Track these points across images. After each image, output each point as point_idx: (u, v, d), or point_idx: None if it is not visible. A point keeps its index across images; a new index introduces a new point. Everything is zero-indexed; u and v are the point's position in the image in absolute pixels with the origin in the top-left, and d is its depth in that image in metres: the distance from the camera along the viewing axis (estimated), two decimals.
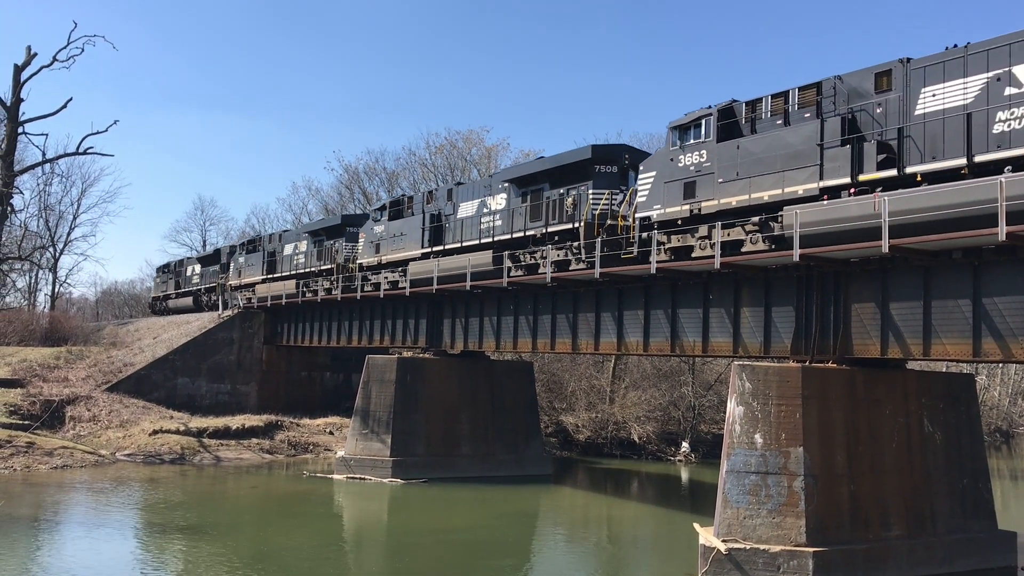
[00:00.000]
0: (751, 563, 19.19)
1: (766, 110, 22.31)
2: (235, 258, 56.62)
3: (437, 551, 23.13)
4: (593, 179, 28.11)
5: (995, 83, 17.69)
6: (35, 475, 32.51)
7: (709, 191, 22.93)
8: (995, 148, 17.37)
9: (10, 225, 46.63)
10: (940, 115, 18.44)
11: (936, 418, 21.49)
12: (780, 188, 20.99)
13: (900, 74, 19.52)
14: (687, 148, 23.85)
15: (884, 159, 19.19)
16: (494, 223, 32.16)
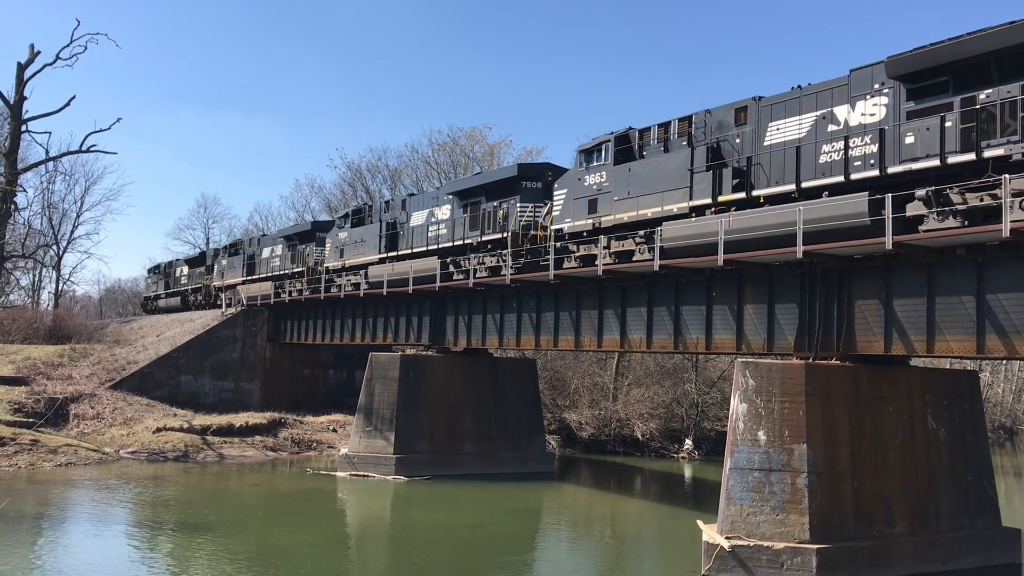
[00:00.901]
0: (755, 560, 19.18)
1: (652, 138, 25.80)
2: (219, 260, 59.83)
3: (441, 548, 23.14)
4: (520, 194, 31.47)
5: (821, 120, 20.91)
6: (39, 473, 32.57)
7: (607, 208, 26.33)
8: (820, 176, 20.48)
9: (14, 223, 46.73)
10: (781, 146, 21.59)
11: (940, 415, 21.45)
12: (660, 206, 24.39)
13: (754, 110, 22.72)
14: (591, 170, 27.37)
15: (737, 183, 22.35)
16: (440, 232, 35.49)
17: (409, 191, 49.87)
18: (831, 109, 20.85)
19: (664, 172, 24.53)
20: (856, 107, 20.35)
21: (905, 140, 19.00)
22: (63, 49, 39.68)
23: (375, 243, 39.68)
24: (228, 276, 57.06)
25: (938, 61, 18.67)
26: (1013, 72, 17.52)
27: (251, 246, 56.28)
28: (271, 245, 53.14)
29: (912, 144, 18.85)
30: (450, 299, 35.20)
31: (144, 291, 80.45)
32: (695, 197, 23.28)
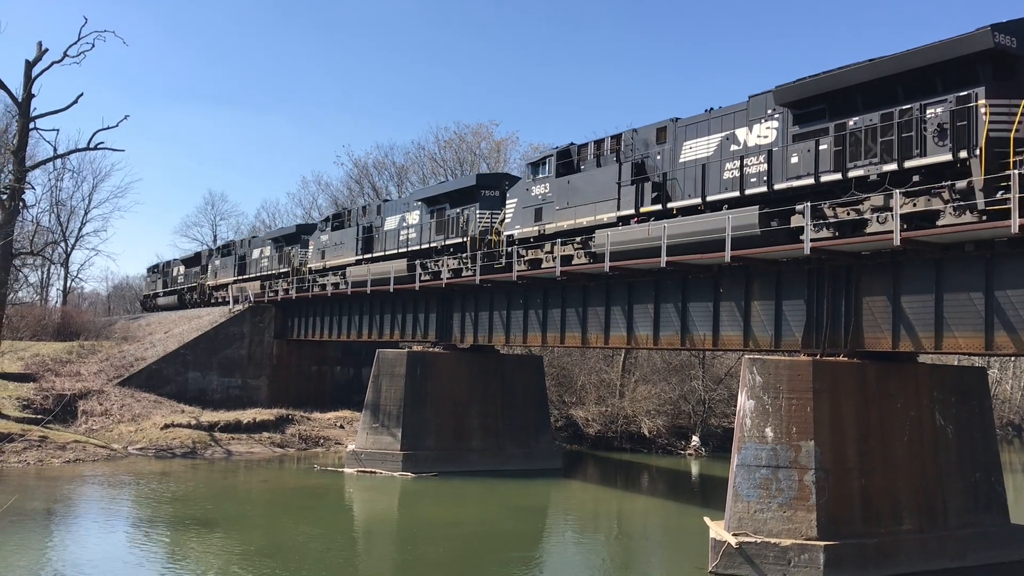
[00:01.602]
0: (762, 557, 19.16)
1: (589, 153, 28.37)
2: (212, 260, 62.92)
3: (448, 544, 23.17)
4: (479, 201, 34.13)
5: (725, 141, 23.31)
6: (48, 469, 32.70)
7: (550, 216, 29.20)
8: (723, 191, 22.94)
9: (22, 220, 46.81)
10: (693, 164, 24.15)
11: (948, 412, 21.40)
12: (593, 216, 27.19)
13: (671, 131, 25.44)
14: (537, 181, 30.29)
15: (656, 196, 25.11)
16: (410, 235, 38.37)
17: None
18: (733, 131, 23.30)
19: (597, 185, 27.26)
20: (753, 130, 22.75)
21: (791, 160, 21.28)
22: (71, 47, 39.65)
23: (353, 245, 42.64)
24: (221, 276, 59.89)
25: (817, 91, 20.87)
26: (874, 102, 19.82)
27: (242, 247, 59.07)
28: (260, 246, 56.00)
29: (796, 164, 21.12)
30: (457, 296, 35.22)
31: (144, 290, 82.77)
32: (622, 208, 26.08)
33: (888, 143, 19.24)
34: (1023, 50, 17.78)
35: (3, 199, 40.01)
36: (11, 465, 32.56)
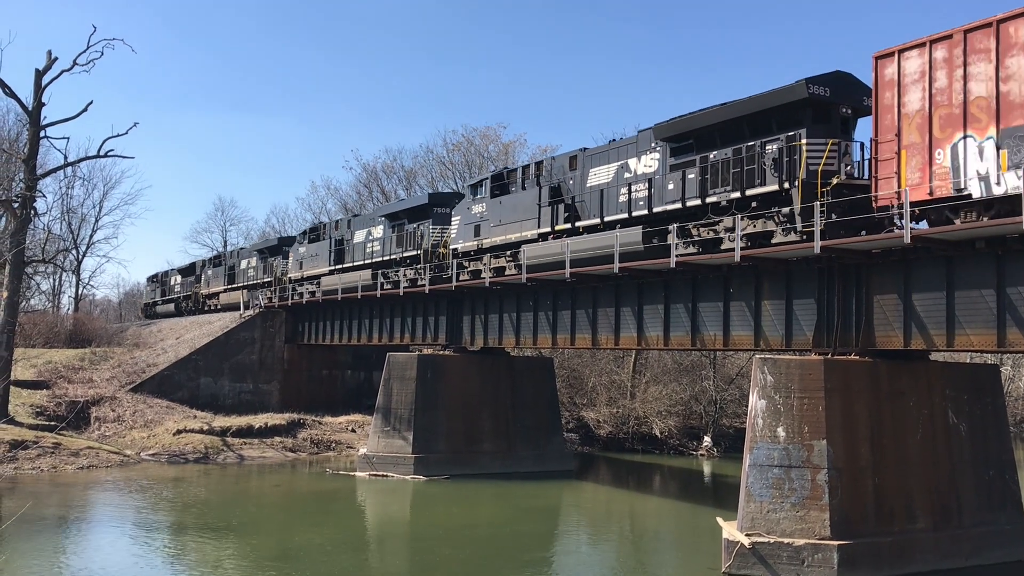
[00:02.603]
0: (775, 557, 19.12)
1: (518, 177, 32.37)
2: (205, 271, 66.46)
3: (460, 547, 23.18)
4: (432, 218, 37.92)
5: (620, 169, 27.35)
6: (61, 475, 32.86)
7: (487, 232, 33.10)
8: (617, 212, 26.97)
9: (33, 228, 47.02)
10: (596, 188, 28.19)
11: (961, 410, 21.30)
12: (519, 232, 31.17)
13: (581, 159, 29.34)
14: (476, 201, 34.09)
15: (567, 216, 29.10)
16: (375, 248, 42.23)
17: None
18: (626, 161, 27.26)
19: (522, 206, 31.26)
20: (641, 160, 26.69)
21: (667, 187, 25.25)
22: (80, 55, 39.76)
23: (326, 257, 46.70)
24: (213, 285, 63.52)
25: (687, 129, 24.77)
26: (729, 139, 23.61)
27: (231, 258, 62.79)
28: (247, 257, 59.53)
29: (671, 190, 25.02)
30: (466, 299, 35.25)
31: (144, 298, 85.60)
32: (541, 226, 30.17)
33: (737, 174, 23.00)
34: (836, 98, 21.74)
35: (15, 207, 40.24)
36: (25, 472, 32.74)
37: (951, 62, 18.48)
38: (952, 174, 18.25)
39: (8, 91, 39.15)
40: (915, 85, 19.13)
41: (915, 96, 19.13)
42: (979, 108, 17.94)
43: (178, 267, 75.83)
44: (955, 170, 18.21)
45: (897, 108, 19.45)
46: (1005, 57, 17.49)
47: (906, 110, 19.27)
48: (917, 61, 19.15)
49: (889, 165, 19.42)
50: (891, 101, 19.58)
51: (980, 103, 17.90)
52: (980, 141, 17.84)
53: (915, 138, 19.05)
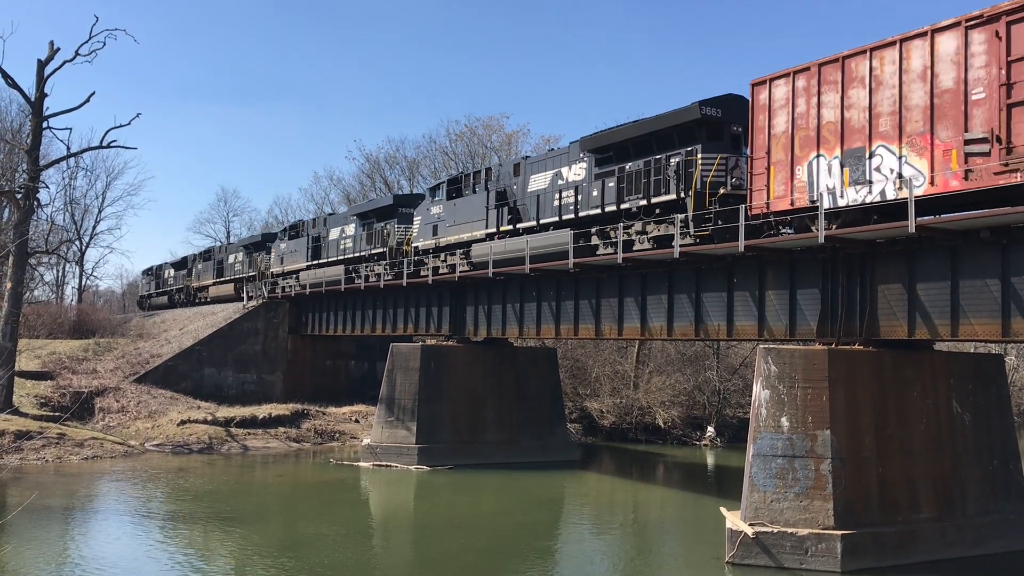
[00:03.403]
0: (779, 547, 19.14)
1: (470, 181, 35.11)
2: (196, 264, 69.08)
3: (464, 536, 23.22)
4: (397, 217, 40.71)
5: (555, 177, 30.20)
6: (66, 466, 32.94)
7: (443, 232, 36.10)
8: (551, 216, 29.86)
9: (36, 219, 47.00)
10: (534, 194, 31.01)
11: (965, 399, 21.28)
12: (470, 232, 34.03)
13: (523, 166, 32.21)
14: (434, 203, 37.27)
15: (511, 218, 31.94)
16: (347, 245, 45.31)
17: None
18: (560, 169, 30.07)
19: (473, 208, 34.05)
20: (572, 168, 29.45)
21: (592, 194, 28.14)
22: (82, 45, 39.67)
23: (304, 253, 49.59)
24: (203, 278, 66.06)
25: (608, 142, 27.83)
26: (642, 152, 26.50)
27: (219, 253, 65.35)
28: (235, 252, 62.04)
29: (595, 196, 27.94)
30: (469, 289, 35.24)
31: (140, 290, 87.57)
32: (488, 227, 32.99)
33: (646, 183, 25.78)
34: (727, 118, 24.57)
35: (18, 198, 40.23)
36: (30, 462, 32.83)
37: (809, 91, 20.99)
38: (808, 188, 20.77)
39: (11, 82, 39.13)
40: (782, 110, 21.60)
41: (781, 119, 21.59)
42: (829, 131, 20.50)
43: (171, 261, 77.73)
44: (810, 184, 20.74)
45: (767, 129, 21.84)
46: (848, 88, 20.12)
47: (774, 131, 21.73)
48: (783, 89, 21.61)
49: (761, 179, 21.90)
50: (763, 123, 21.98)
51: (830, 127, 20.47)
52: (829, 160, 20.41)
53: (781, 156, 21.53)
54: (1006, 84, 17.07)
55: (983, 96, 17.51)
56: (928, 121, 18.45)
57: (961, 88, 17.86)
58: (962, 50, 17.92)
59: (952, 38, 18.13)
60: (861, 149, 19.71)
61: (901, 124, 18.95)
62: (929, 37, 18.50)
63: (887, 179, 19.04)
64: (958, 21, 18.06)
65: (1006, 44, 17.12)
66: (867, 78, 19.70)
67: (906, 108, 18.88)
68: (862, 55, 19.83)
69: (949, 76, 18.15)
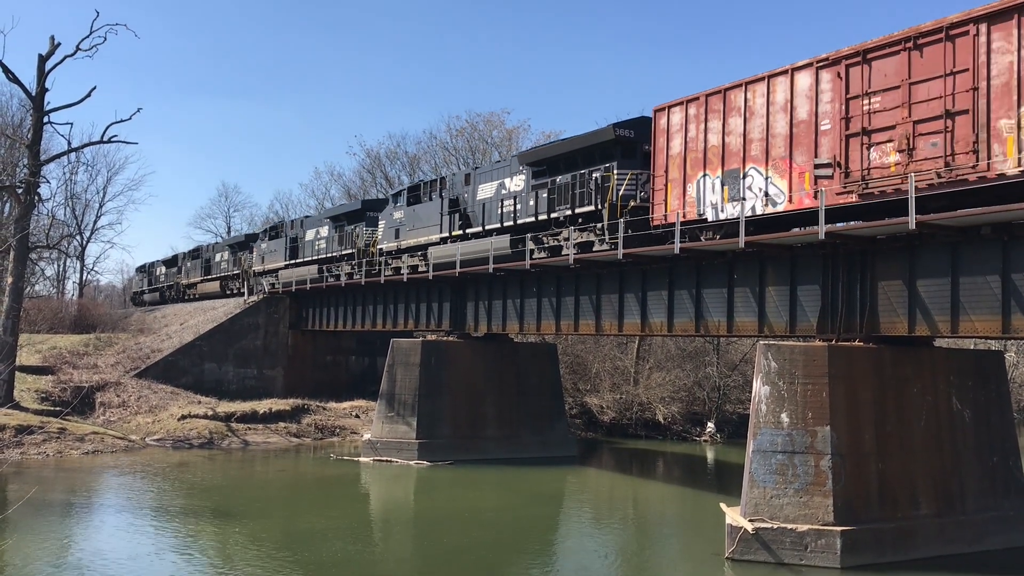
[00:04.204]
0: (778, 542, 19.17)
1: (428, 189, 38.11)
2: (185, 263, 71.67)
3: (465, 532, 23.26)
4: (365, 221, 44.18)
5: (499, 187, 33.04)
6: (67, 460, 32.98)
7: (404, 235, 38.94)
8: (496, 222, 32.50)
9: (37, 214, 47.01)
10: (482, 202, 33.82)
11: (965, 396, 21.30)
12: (428, 237, 36.71)
13: (473, 176, 35.10)
14: (396, 208, 40.13)
15: (461, 224, 34.78)
16: (321, 246, 48.25)
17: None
18: (503, 180, 32.91)
19: (429, 214, 36.90)
20: (513, 179, 32.34)
21: (529, 203, 30.92)
22: (83, 40, 39.66)
23: (283, 253, 52.14)
24: (191, 276, 68.71)
25: (542, 157, 31.16)
26: (570, 167, 29.36)
27: (207, 251, 68.15)
28: (221, 251, 64.91)
29: (532, 206, 30.67)
30: (470, 285, 35.25)
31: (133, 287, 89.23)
32: (443, 231, 35.68)
33: (573, 195, 28.48)
34: (639, 138, 27.07)
35: (19, 193, 40.24)
36: (31, 457, 32.87)
37: (699, 118, 23.72)
38: (697, 203, 23.60)
39: (11, 76, 39.10)
40: (677, 134, 24.43)
41: (677, 142, 24.43)
42: (713, 154, 23.21)
43: (163, 259, 79.42)
44: (699, 200, 23.56)
45: (666, 151, 24.73)
46: (728, 117, 22.75)
47: (671, 152, 24.60)
48: (679, 115, 24.41)
49: (661, 193, 24.91)
50: (663, 145, 24.90)
51: (714, 150, 23.17)
52: (713, 179, 23.19)
53: (676, 175, 24.42)
54: (845, 117, 19.84)
55: (829, 127, 20.24)
56: (788, 147, 21.16)
57: (813, 120, 20.60)
58: (814, 87, 20.62)
59: (807, 76, 20.78)
60: (737, 170, 22.46)
61: (768, 149, 21.67)
62: (790, 75, 21.15)
63: (757, 196, 21.85)
64: (811, 62, 20.69)
65: (845, 83, 19.91)
66: (743, 108, 22.35)
67: (772, 135, 21.59)
68: (739, 88, 22.46)
69: (804, 109, 20.84)
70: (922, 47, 18.64)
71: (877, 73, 19.41)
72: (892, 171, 18.96)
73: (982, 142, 17.51)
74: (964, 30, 17.93)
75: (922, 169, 18.35)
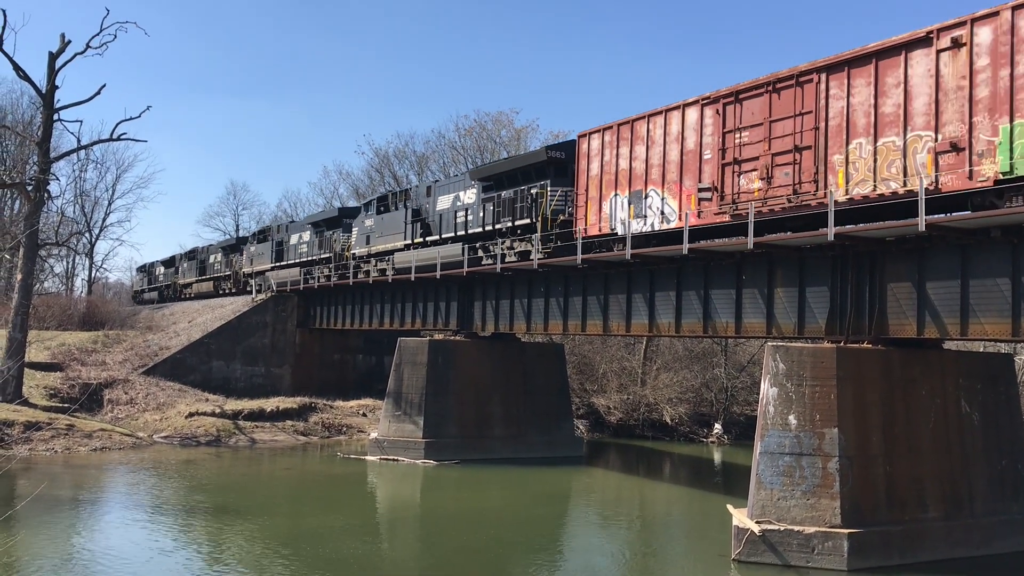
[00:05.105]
0: (785, 544, 19.12)
1: (396, 199, 41.39)
2: (181, 263, 74.34)
3: (471, 531, 23.27)
4: (341, 227, 47.38)
5: (455, 199, 36.21)
6: (75, 457, 33.09)
7: (374, 242, 42.17)
8: (452, 231, 35.85)
9: (47, 211, 47.30)
10: (440, 212, 37.12)
11: (974, 399, 21.21)
12: (394, 243, 40.12)
13: (434, 188, 38.28)
14: (367, 216, 43.51)
15: (422, 232, 38.04)
16: (303, 250, 51.67)
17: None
18: (459, 193, 36.07)
19: (395, 222, 40.26)
20: (467, 193, 35.48)
21: (479, 215, 34.06)
22: (93, 38, 39.79)
23: (269, 255, 55.36)
24: (187, 276, 71.43)
25: (490, 173, 34.36)
26: (513, 183, 32.45)
27: (203, 253, 70.68)
28: (215, 253, 67.61)
29: (481, 217, 33.92)
30: (477, 284, 35.26)
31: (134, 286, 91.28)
32: (407, 239, 39.07)
33: (514, 208, 31.63)
34: (570, 160, 29.73)
35: (29, 190, 40.38)
36: (39, 453, 32.99)
37: (612, 145, 26.92)
38: (610, 219, 26.87)
39: (22, 74, 39.24)
40: (596, 158, 27.63)
41: (595, 165, 27.63)
42: (623, 176, 26.39)
43: (162, 259, 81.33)
44: (611, 216, 26.85)
45: (587, 172, 28.00)
46: (635, 145, 26.01)
47: (591, 174, 27.81)
48: (597, 141, 27.63)
49: (582, 210, 28.21)
50: (584, 167, 28.16)
51: (623, 173, 26.38)
52: (622, 198, 26.39)
53: (594, 193, 27.64)
54: (722, 148, 22.81)
55: (710, 156, 23.35)
56: (679, 172, 24.33)
57: (698, 150, 23.77)
58: (699, 121, 23.75)
59: (694, 112, 23.90)
60: (640, 191, 25.72)
61: (664, 174, 24.87)
62: (682, 110, 24.34)
63: (655, 214, 25.08)
64: (698, 100, 23.80)
65: (723, 119, 22.88)
66: (646, 138, 25.58)
67: (667, 162, 24.78)
68: (643, 120, 25.73)
69: (692, 140, 24.01)
70: (780, 90, 21.62)
71: (747, 111, 22.38)
72: (756, 195, 21.90)
73: (821, 173, 20.53)
74: (810, 78, 20.89)
75: (778, 195, 21.41)
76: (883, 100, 19.39)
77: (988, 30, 17.67)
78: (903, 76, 19.00)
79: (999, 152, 17.21)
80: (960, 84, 18.05)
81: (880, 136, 19.46)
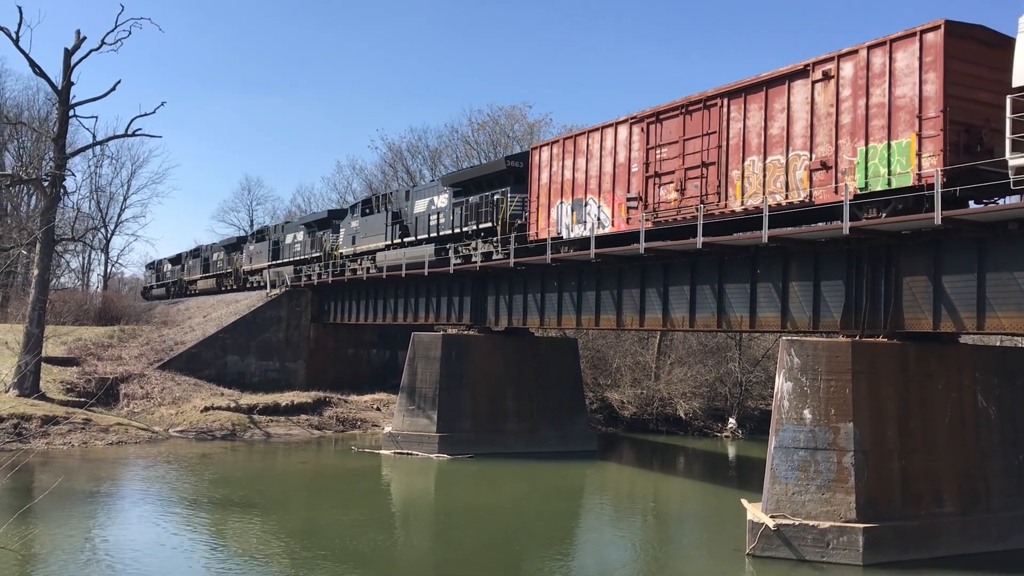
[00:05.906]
0: (800, 539, 19.07)
1: (379, 203, 44.58)
2: (187, 261, 77.29)
3: (484, 525, 23.31)
4: (331, 228, 50.67)
5: (430, 203, 39.17)
6: (92, 451, 33.32)
7: (359, 242, 45.38)
8: (426, 233, 38.79)
9: (63, 207, 47.55)
10: (417, 215, 40.21)
11: (990, 393, 21.07)
12: (376, 244, 43.38)
13: (412, 193, 41.75)
14: (353, 218, 46.80)
15: (401, 233, 41.07)
16: (296, 249, 54.99)
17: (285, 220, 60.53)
18: (433, 197, 39.19)
19: (377, 224, 43.43)
20: (440, 197, 38.44)
21: (450, 218, 37.01)
22: (108, 34, 39.99)
23: (267, 254, 58.92)
24: (192, 273, 74.69)
25: (459, 180, 37.41)
26: (480, 189, 35.37)
27: (207, 251, 74.04)
28: (217, 251, 70.84)
29: (452, 220, 36.83)
30: (491, 279, 35.25)
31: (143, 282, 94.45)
32: (387, 240, 42.22)
33: (480, 212, 34.41)
34: (527, 169, 32.03)
35: (45, 186, 40.63)
36: (56, 447, 33.24)
37: (559, 157, 29.94)
38: (557, 224, 29.79)
39: (38, 70, 39.46)
40: (546, 168, 30.63)
41: (545, 175, 30.62)
42: (567, 186, 29.43)
43: (168, 257, 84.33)
44: (558, 222, 29.80)
45: (538, 181, 30.94)
46: (577, 157, 28.96)
47: (542, 183, 30.76)
48: (547, 153, 30.65)
49: (534, 215, 31.12)
50: (536, 176, 31.16)
51: (567, 183, 29.39)
52: (567, 205, 29.39)
53: (544, 200, 30.61)
54: (646, 163, 25.84)
55: (637, 169, 26.30)
56: (612, 183, 27.27)
57: (628, 163, 26.64)
58: (629, 138, 26.63)
59: (625, 129, 26.83)
60: (581, 199, 28.65)
61: (600, 184, 27.79)
62: (615, 128, 27.23)
63: (593, 220, 27.92)
64: (628, 119, 26.67)
65: (647, 137, 25.91)
66: (586, 151, 28.49)
67: (603, 174, 27.65)
68: (584, 135, 28.76)
69: (623, 155, 26.88)
70: (692, 112, 24.47)
71: (666, 130, 25.27)
72: (672, 205, 24.93)
73: (723, 186, 23.34)
74: (715, 102, 23.70)
75: (689, 204, 24.22)
76: (771, 123, 22.06)
77: (851, 65, 20.36)
78: (787, 103, 21.67)
79: (858, 171, 20.04)
80: (829, 111, 20.74)
81: (768, 154, 22.20)
